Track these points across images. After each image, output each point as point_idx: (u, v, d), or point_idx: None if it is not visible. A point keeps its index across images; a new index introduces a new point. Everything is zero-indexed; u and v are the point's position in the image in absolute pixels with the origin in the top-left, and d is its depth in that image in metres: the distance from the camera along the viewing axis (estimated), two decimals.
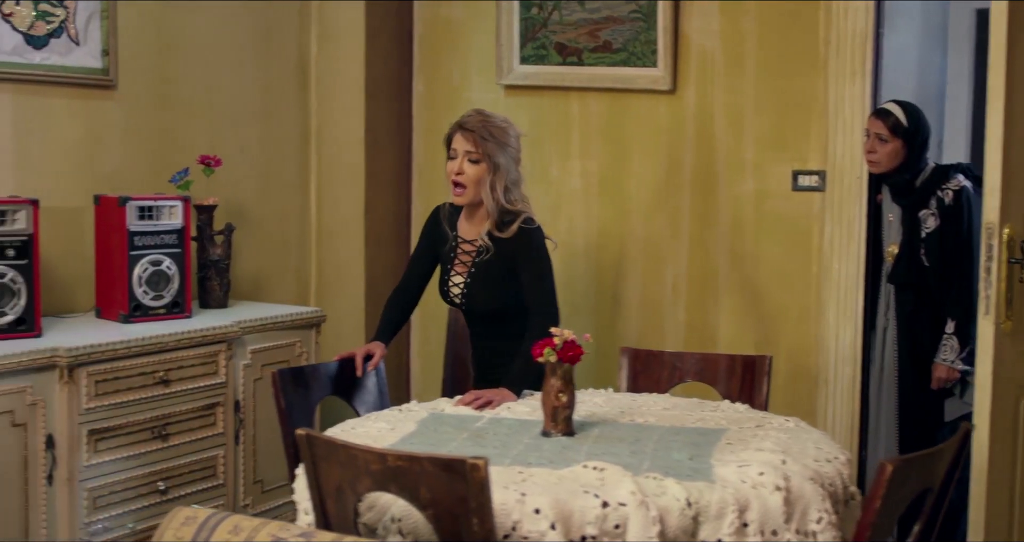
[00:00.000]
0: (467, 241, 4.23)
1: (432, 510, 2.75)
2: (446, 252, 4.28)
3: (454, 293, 4.26)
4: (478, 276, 4.19)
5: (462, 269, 4.23)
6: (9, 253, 4.07)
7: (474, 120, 4.13)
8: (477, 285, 4.19)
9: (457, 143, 4.14)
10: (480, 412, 3.75)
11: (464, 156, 4.11)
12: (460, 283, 4.23)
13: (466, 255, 4.22)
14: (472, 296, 4.21)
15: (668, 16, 5.20)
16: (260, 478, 4.77)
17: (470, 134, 4.10)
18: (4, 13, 4.38)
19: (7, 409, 3.85)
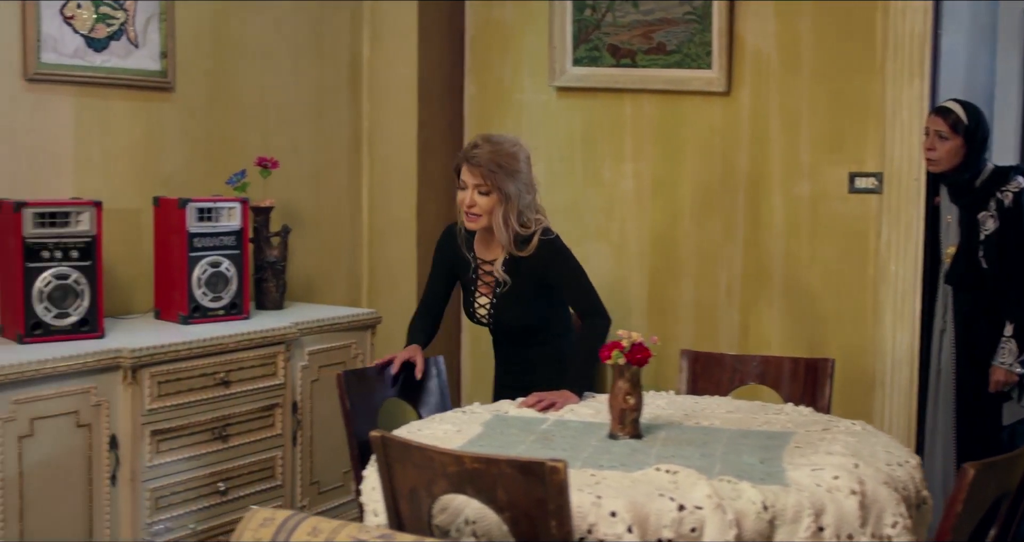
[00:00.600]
0: (487, 262, 4.19)
1: (509, 512, 2.74)
2: (468, 274, 4.23)
3: (480, 314, 4.24)
4: (504, 296, 4.16)
5: (486, 290, 4.20)
6: (73, 254, 4.09)
7: (482, 153, 4.02)
8: (503, 305, 4.17)
9: (465, 175, 4.05)
10: (544, 414, 3.74)
11: (474, 188, 4.03)
12: (486, 304, 4.21)
13: (489, 276, 4.19)
14: (499, 316, 4.20)
15: (723, 18, 5.19)
16: (317, 479, 4.78)
17: (477, 169, 4.01)
18: (66, 16, 4.40)
19: (72, 409, 3.87)
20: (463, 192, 4.06)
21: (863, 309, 5.09)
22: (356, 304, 5.74)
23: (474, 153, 4.02)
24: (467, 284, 4.24)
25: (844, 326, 5.13)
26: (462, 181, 4.06)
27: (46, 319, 4.04)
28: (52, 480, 3.83)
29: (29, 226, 4.00)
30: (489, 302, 4.18)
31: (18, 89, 4.31)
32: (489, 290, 4.18)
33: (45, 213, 4.03)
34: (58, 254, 4.06)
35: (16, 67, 4.30)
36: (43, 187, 4.38)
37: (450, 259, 4.26)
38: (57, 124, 4.44)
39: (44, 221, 4.03)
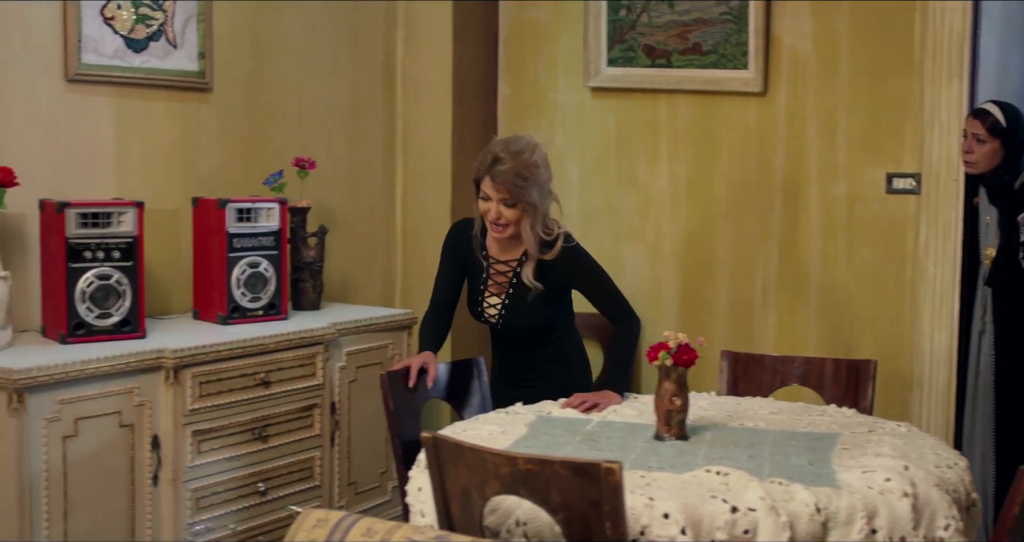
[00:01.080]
0: (501, 262, 4.13)
1: (563, 514, 2.73)
2: (475, 272, 4.16)
3: (490, 314, 4.15)
4: (517, 297, 4.10)
5: (497, 290, 4.13)
6: (115, 255, 4.10)
7: (506, 169, 3.90)
8: (516, 307, 4.10)
9: (488, 188, 3.96)
10: (587, 415, 3.73)
11: (499, 202, 3.95)
12: (497, 305, 4.13)
13: (501, 276, 4.12)
14: (510, 317, 4.12)
15: (759, 18, 5.17)
16: (354, 480, 4.78)
17: (502, 184, 3.92)
18: (106, 17, 4.41)
19: (115, 410, 3.88)
20: (487, 203, 3.98)
21: (901, 310, 5.07)
22: (390, 304, 5.74)
23: (498, 169, 3.91)
24: (476, 283, 4.16)
25: (881, 327, 5.11)
26: (484, 192, 3.98)
27: (88, 319, 4.05)
28: (95, 480, 3.84)
29: (72, 226, 4.00)
30: (501, 303, 4.12)
31: (59, 90, 4.32)
32: (501, 290, 4.11)
33: (88, 213, 4.04)
34: (100, 254, 4.07)
35: (57, 68, 4.31)
36: (83, 187, 4.38)
37: (461, 257, 4.19)
38: (97, 125, 4.45)
39: (87, 221, 4.04)
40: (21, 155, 4.15)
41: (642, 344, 5.50)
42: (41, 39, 4.25)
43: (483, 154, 3.99)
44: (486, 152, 3.98)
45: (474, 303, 4.17)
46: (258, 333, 4.36)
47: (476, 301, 4.16)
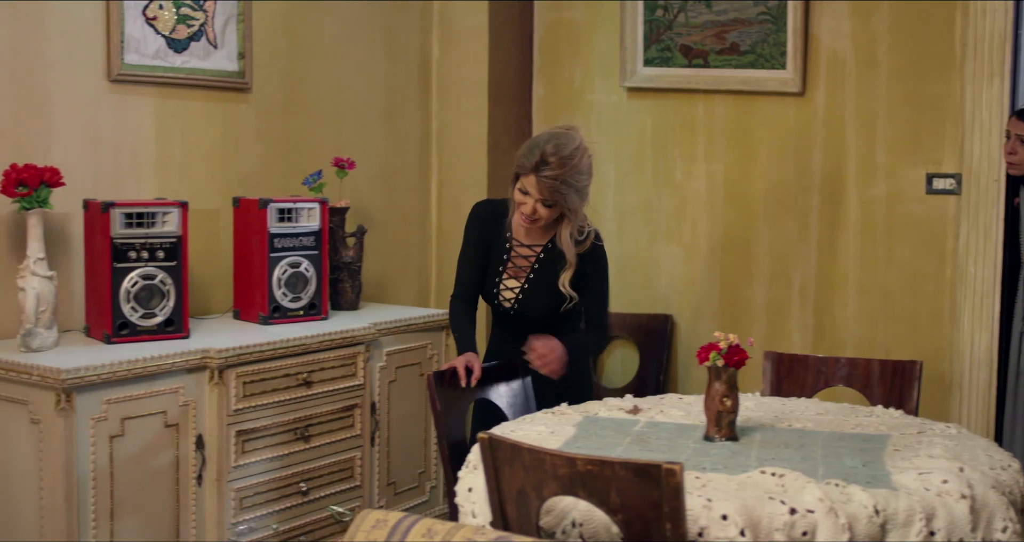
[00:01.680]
0: (525, 246, 4.09)
1: (622, 515, 2.72)
2: (496, 254, 4.10)
3: (505, 297, 4.09)
4: (537, 283, 4.07)
5: (516, 273, 4.08)
6: (159, 255, 4.10)
7: (552, 174, 3.82)
8: (534, 293, 4.07)
9: (531, 186, 3.87)
10: (634, 415, 3.72)
11: (538, 200, 3.89)
12: (515, 288, 4.08)
13: (523, 260, 4.08)
14: (526, 302, 4.08)
15: (798, 18, 5.16)
16: (393, 480, 4.78)
17: (546, 187, 3.84)
18: (148, 17, 4.41)
19: (160, 409, 3.88)
20: (524, 197, 3.90)
21: (940, 311, 5.05)
22: (424, 304, 5.74)
23: (544, 173, 3.83)
24: (494, 264, 4.09)
25: (921, 328, 5.09)
26: (524, 187, 3.89)
27: (133, 319, 4.05)
28: (141, 480, 3.84)
29: (117, 226, 4.01)
30: (519, 287, 4.07)
31: (102, 90, 4.33)
32: (520, 274, 4.07)
33: (132, 213, 4.04)
34: (145, 254, 4.07)
35: (100, 68, 4.31)
36: (125, 187, 4.39)
37: (487, 236, 4.10)
38: (139, 125, 4.45)
39: (131, 221, 4.04)
40: (64, 155, 4.16)
41: (679, 344, 5.54)
42: (84, 39, 4.26)
43: (529, 148, 3.90)
44: (533, 147, 3.88)
45: (488, 284, 4.11)
46: (300, 333, 4.35)
47: (491, 283, 4.10)
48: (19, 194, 3.78)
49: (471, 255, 4.13)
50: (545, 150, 3.83)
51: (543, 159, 3.82)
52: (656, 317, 5.59)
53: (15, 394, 3.70)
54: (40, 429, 3.64)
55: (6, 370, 3.71)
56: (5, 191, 3.77)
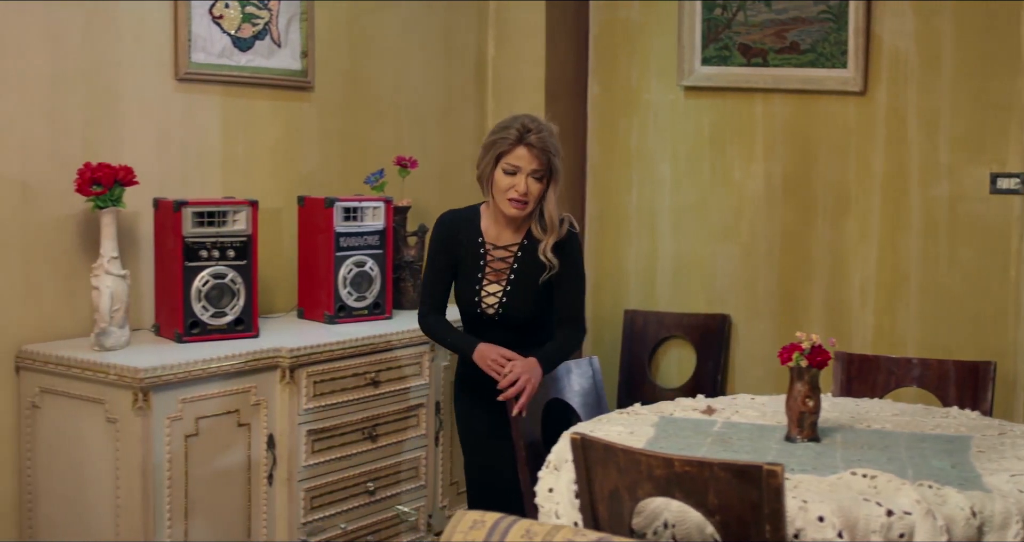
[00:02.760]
0: (500, 247, 3.95)
1: (720, 516, 2.70)
2: (472, 261, 3.94)
3: (488, 303, 3.93)
4: (519, 284, 3.92)
5: (497, 277, 3.93)
6: (229, 254, 4.10)
7: (540, 137, 3.79)
8: (517, 294, 3.92)
9: (519, 159, 3.79)
10: (707, 415, 3.70)
11: (528, 174, 3.79)
12: (497, 293, 3.92)
13: (500, 262, 3.94)
14: (510, 306, 3.92)
15: (860, 16, 5.13)
16: (456, 480, 4.76)
17: (536, 151, 3.78)
18: (214, 16, 4.41)
19: (233, 409, 3.88)
20: (512, 178, 3.80)
21: (1004, 311, 5.01)
22: None
23: (530, 137, 3.78)
24: (472, 272, 3.93)
25: (984, 328, 5.05)
26: (511, 165, 3.79)
27: (203, 318, 4.05)
28: (214, 479, 3.84)
29: (189, 225, 4.00)
30: (502, 290, 3.92)
31: (170, 89, 4.33)
32: (501, 277, 3.92)
33: (203, 212, 4.04)
34: (215, 253, 4.07)
35: (168, 67, 4.31)
36: (191, 186, 4.39)
37: (454, 248, 3.95)
38: (205, 124, 4.45)
39: (203, 220, 4.04)
40: (133, 153, 4.16)
41: (736, 344, 5.51)
42: (153, 38, 4.26)
43: (503, 128, 3.85)
44: (506, 127, 3.84)
45: (468, 293, 3.94)
46: (365, 332, 4.35)
47: (471, 290, 3.93)
48: (94, 193, 3.78)
49: (440, 267, 3.97)
50: (523, 122, 3.83)
51: (524, 128, 3.81)
52: (713, 317, 5.57)
53: (91, 393, 3.70)
54: (116, 428, 3.64)
55: (82, 369, 3.71)
56: (80, 190, 3.77)
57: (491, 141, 3.85)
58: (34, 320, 3.96)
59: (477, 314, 3.94)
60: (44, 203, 3.96)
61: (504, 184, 3.82)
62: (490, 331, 3.93)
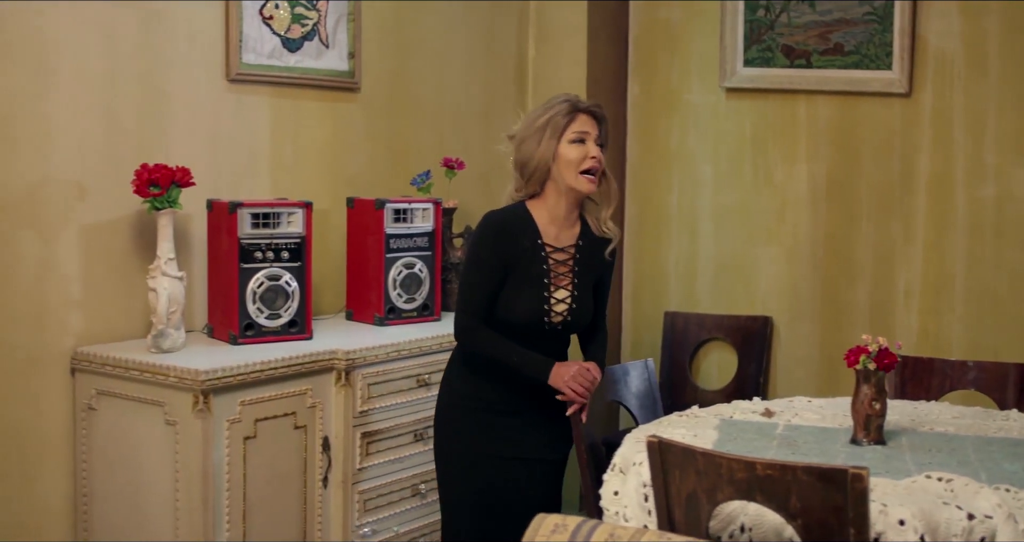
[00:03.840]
0: (559, 249, 3.66)
1: (802, 520, 2.69)
2: (533, 266, 3.59)
3: (558, 311, 3.62)
4: (583, 287, 3.68)
5: (563, 282, 3.64)
6: (284, 255, 4.08)
7: (594, 104, 3.69)
8: (582, 299, 3.68)
9: (584, 124, 3.59)
10: (768, 418, 3.68)
11: (594, 140, 3.62)
12: (566, 299, 3.64)
13: (562, 266, 3.64)
14: (578, 312, 3.67)
15: (905, 18, 5.11)
16: None
17: (595, 116, 3.64)
18: (265, 16, 4.40)
19: (289, 411, 3.87)
20: (582, 146, 3.59)
21: None
22: None
23: (584, 104, 3.63)
24: (535, 278, 3.59)
25: None
26: (578, 133, 3.58)
27: (258, 320, 4.03)
28: (271, 482, 3.83)
29: (245, 227, 3.99)
30: (570, 296, 3.64)
31: (221, 89, 4.31)
32: (565, 282, 3.64)
33: (259, 214, 4.02)
34: (270, 255, 4.05)
35: (219, 68, 4.30)
36: (241, 187, 4.37)
37: (510, 252, 3.58)
38: (255, 125, 4.44)
39: (258, 222, 4.02)
40: (185, 154, 4.15)
41: (778, 346, 5.49)
42: (204, 39, 4.25)
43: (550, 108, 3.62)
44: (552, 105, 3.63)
45: (533, 301, 3.58)
46: (415, 334, 4.33)
47: (537, 299, 3.59)
48: (152, 194, 3.77)
49: (490, 273, 3.58)
50: (565, 97, 3.67)
51: (575, 98, 3.67)
52: (755, 319, 5.55)
53: (149, 395, 3.68)
54: (176, 430, 3.63)
55: (141, 371, 3.69)
56: (139, 191, 3.76)
57: (542, 123, 3.60)
58: (89, 322, 3.94)
59: (540, 324, 3.61)
60: (99, 204, 3.95)
61: (576, 155, 3.58)
62: (546, 343, 3.65)
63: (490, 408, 3.65)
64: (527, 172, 3.68)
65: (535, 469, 3.69)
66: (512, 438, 3.65)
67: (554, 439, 3.71)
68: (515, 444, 3.65)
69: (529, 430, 3.67)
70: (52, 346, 3.85)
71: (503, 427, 3.65)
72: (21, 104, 3.72)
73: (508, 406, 3.64)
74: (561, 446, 3.74)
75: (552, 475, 3.75)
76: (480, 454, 3.65)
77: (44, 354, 3.83)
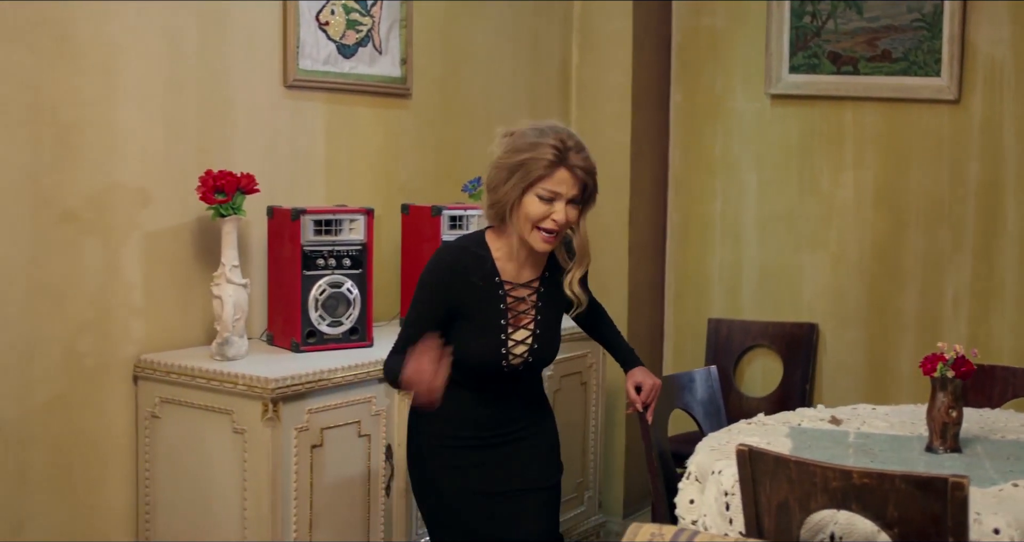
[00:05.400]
0: (520, 285, 3.30)
1: (899, 529, 2.67)
2: (489, 306, 3.25)
3: (516, 353, 3.29)
4: (546, 326, 3.34)
5: (523, 320, 3.30)
6: (345, 262, 4.06)
7: (585, 155, 3.17)
8: (545, 338, 3.35)
9: (560, 184, 3.13)
10: (836, 426, 3.67)
11: (569, 201, 3.17)
12: (526, 339, 3.30)
13: (522, 303, 3.30)
14: (540, 352, 3.34)
15: (955, 24, 5.10)
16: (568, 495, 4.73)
17: (581, 176, 3.16)
18: (321, 22, 4.38)
19: (354, 419, 3.84)
20: (549, 206, 3.15)
21: None
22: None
23: (572, 157, 3.14)
24: (490, 319, 3.25)
25: None
26: (549, 192, 3.13)
27: (320, 327, 4.01)
28: (336, 490, 3.80)
29: (308, 234, 3.97)
30: (530, 335, 3.30)
31: (278, 96, 4.30)
32: (525, 320, 3.30)
33: (321, 220, 4.00)
34: (332, 262, 4.03)
35: (277, 74, 4.28)
36: (298, 194, 4.36)
37: (461, 292, 3.23)
38: (311, 131, 4.43)
39: (320, 228, 4.00)
40: (244, 161, 4.12)
41: (824, 353, 5.47)
42: (262, 45, 4.23)
43: (532, 147, 3.16)
44: (538, 144, 3.16)
45: (489, 344, 3.26)
46: None
47: (494, 342, 3.26)
48: (218, 201, 3.74)
49: (434, 313, 3.25)
50: (559, 137, 3.16)
51: (563, 145, 3.14)
52: (800, 326, 5.53)
53: (216, 403, 3.66)
54: (244, 439, 3.60)
55: (207, 379, 3.67)
56: (205, 198, 3.74)
57: (518, 162, 3.14)
58: (151, 330, 3.92)
59: (498, 367, 3.28)
60: (161, 211, 3.93)
61: (537, 212, 3.15)
62: (503, 383, 3.34)
63: (465, 445, 3.33)
64: (491, 199, 3.25)
65: (526, 501, 3.39)
66: (495, 472, 3.35)
67: (542, 466, 3.46)
68: (499, 479, 3.35)
69: (512, 461, 3.37)
70: (116, 354, 3.83)
71: (483, 462, 3.34)
72: (88, 111, 3.70)
73: (485, 440, 3.34)
74: (551, 473, 3.49)
75: (545, 505, 3.44)
76: (464, 493, 3.34)
77: (108, 362, 3.81)
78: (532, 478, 3.41)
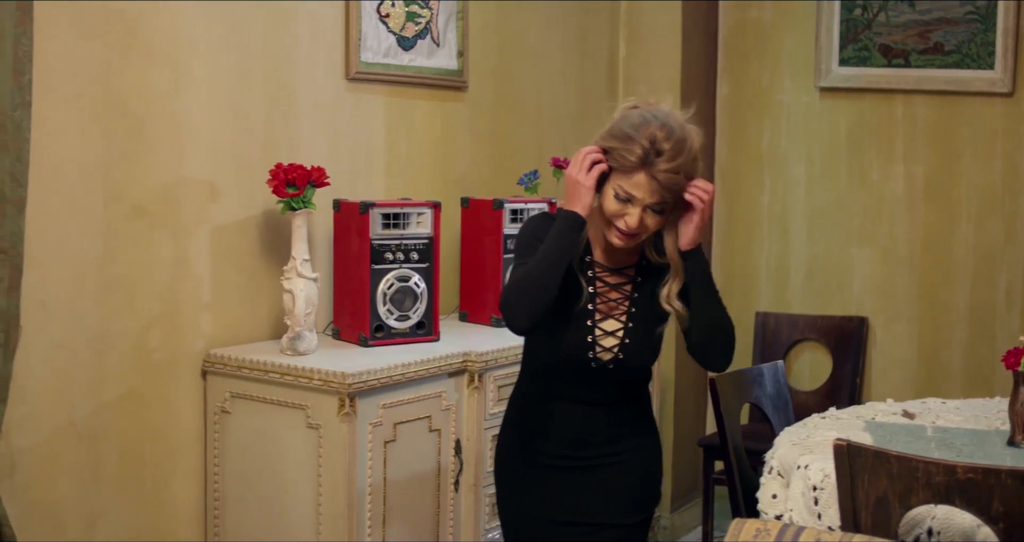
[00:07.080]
0: (612, 271, 3.00)
1: (1003, 524, 2.67)
2: (576, 287, 2.95)
3: (604, 345, 2.95)
4: (640, 321, 2.97)
5: (615, 310, 2.97)
6: (413, 256, 4.04)
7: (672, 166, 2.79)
8: (639, 335, 2.97)
9: (636, 188, 2.79)
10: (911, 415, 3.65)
11: (646, 207, 2.81)
12: (617, 331, 2.95)
13: (615, 291, 2.98)
14: (632, 350, 2.96)
15: (1010, 17, 5.09)
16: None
17: (662, 179, 2.78)
18: (381, 14, 4.36)
19: (425, 414, 3.82)
20: (625, 206, 2.81)
21: None
22: None
23: (661, 167, 2.78)
24: (577, 301, 2.95)
25: None
26: (626, 192, 2.80)
27: (388, 322, 3.99)
28: (408, 485, 3.79)
29: (376, 227, 3.94)
30: (623, 327, 2.95)
31: (341, 89, 4.27)
32: (618, 310, 2.96)
33: (389, 214, 3.98)
34: (400, 256, 4.01)
35: (339, 67, 4.26)
36: (359, 186, 4.33)
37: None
38: (372, 124, 4.40)
39: (388, 222, 3.98)
40: (309, 154, 4.10)
41: (873, 347, 5.46)
42: (326, 38, 4.21)
43: (626, 136, 2.83)
44: (632, 138, 2.81)
45: (575, 331, 2.94)
46: None
47: (580, 328, 2.94)
48: (289, 194, 3.72)
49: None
50: (655, 135, 2.80)
51: (654, 147, 2.79)
52: (850, 319, 5.52)
53: (290, 398, 3.64)
54: (320, 434, 3.58)
55: (281, 374, 3.65)
56: (276, 191, 3.72)
57: (607, 147, 2.85)
58: (219, 324, 3.90)
59: (585, 362, 2.95)
60: (228, 204, 3.90)
61: (611, 209, 2.84)
62: (595, 388, 3.00)
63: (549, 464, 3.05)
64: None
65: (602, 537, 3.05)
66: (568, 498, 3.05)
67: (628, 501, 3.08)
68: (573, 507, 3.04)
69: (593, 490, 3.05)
70: (185, 348, 3.80)
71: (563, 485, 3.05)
72: (157, 105, 3.67)
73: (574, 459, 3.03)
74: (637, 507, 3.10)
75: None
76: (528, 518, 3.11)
77: (177, 356, 3.78)
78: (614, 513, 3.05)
